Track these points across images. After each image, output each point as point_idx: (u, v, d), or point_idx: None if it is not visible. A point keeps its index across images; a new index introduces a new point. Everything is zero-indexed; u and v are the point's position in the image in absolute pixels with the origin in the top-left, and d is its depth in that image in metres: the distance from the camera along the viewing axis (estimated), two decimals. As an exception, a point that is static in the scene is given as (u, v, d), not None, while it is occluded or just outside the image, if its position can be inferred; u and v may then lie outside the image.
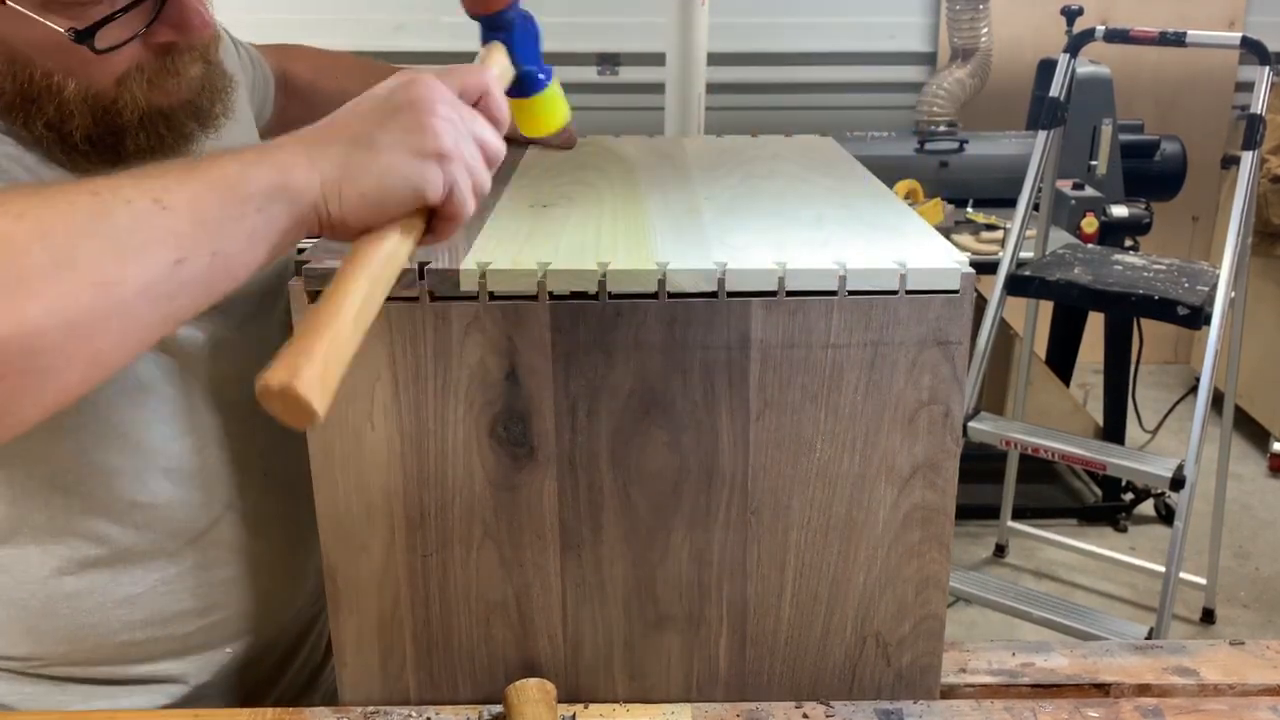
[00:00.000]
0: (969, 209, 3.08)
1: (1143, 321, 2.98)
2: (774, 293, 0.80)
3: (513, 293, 0.79)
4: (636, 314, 0.80)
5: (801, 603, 0.88)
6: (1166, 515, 3.18)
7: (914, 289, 0.80)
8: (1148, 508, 3.26)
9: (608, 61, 3.97)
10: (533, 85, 0.80)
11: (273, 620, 1.00)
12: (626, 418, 0.83)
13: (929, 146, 3.23)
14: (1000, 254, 2.50)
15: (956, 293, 0.80)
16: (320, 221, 0.65)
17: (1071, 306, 3.12)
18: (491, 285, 0.79)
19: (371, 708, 0.90)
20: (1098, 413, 3.27)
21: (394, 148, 0.66)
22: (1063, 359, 3.43)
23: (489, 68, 0.76)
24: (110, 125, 0.81)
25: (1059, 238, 2.81)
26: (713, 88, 2.62)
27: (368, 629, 0.89)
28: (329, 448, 0.84)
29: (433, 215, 0.70)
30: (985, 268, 2.39)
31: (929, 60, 4.05)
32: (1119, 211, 2.94)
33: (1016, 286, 2.45)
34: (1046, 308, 3.25)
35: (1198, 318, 2.26)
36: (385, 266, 0.66)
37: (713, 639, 0.89)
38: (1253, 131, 2.26)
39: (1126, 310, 2.55)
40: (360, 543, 0.86)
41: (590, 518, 0.85)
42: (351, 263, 0.65)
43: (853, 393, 0.82)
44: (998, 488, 3.00)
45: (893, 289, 0.80)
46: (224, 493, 0.94)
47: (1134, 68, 3.75)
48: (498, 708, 0.89)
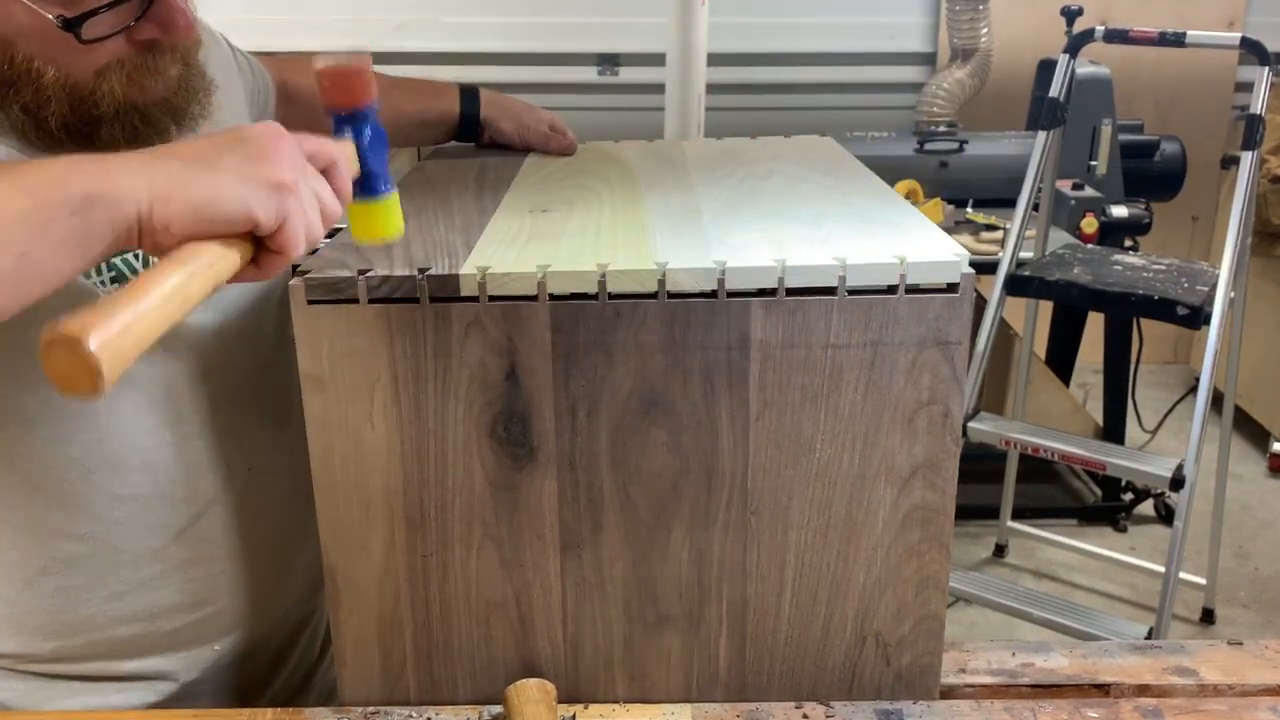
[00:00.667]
0: (969, 209, 3.08)
1: (1142, 321, 2.98)
2: (774, 290, 0.80)
3: (513, 294, 0.79)
4: (636, 314, 0.80)
5: (801, 603, 0.88)
6: (1166, 515, 3.18)
7: (914, 283, 0.80)
8: (1147, 508, 3.26)
9: (608, 62, 3.97)
10: (374, 189, 0.79)
11: (262, 617, 1.00)
12: (626, 418, 0.83)
13: (929, 147, 3.22)
14: (1000, 254, 2.50)
15: (956, 287, 0.80)
16: (141, 230, 0.65)
17: (1071, 306, 3.12)
18: (491, 288, 0.79)
19: (371, 708, 0.90)
20: (1098, 413, 3.27)
21: (233, 170, 0.67)
22: (1063, 359, 3.43)
23: (342, 149, 0.76)
24: (86, 115, 0.81)
25: (1059, 238, 2.80)
26: (713, 88, 2.62)
27: (368, 629, 0.89)
28: (329, 448, 0.84)
29: (260, 249, 0.69)
30: (985, 268, 2.39)
31: (929, 60, 4.05)
32: (1119, 212, 2.94)
33: (1016, 286, 2.45)
34: (1046, 308, 3.25)
35: (1197, 318, 2.26)
36: (204, 268, 0.65)
37: (713, 639, 0.89)
38: (1252, 131, 2.26)
39: (1126, 310, 2.55)
40: (360, 543, 0.86)
41: (590, 518, 0.85)
42: (172, 258, 0.64)
43: (852, 393, 0.82)
44: (998, 488, 3.00)
45: (893, 284, 0.80)
46: (207, 487, 0.94)
47: (1134, 68, 3.75)
48: (498, 708, 0.89)
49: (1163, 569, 2.31)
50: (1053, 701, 0.90)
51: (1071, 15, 3.20)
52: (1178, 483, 2.22)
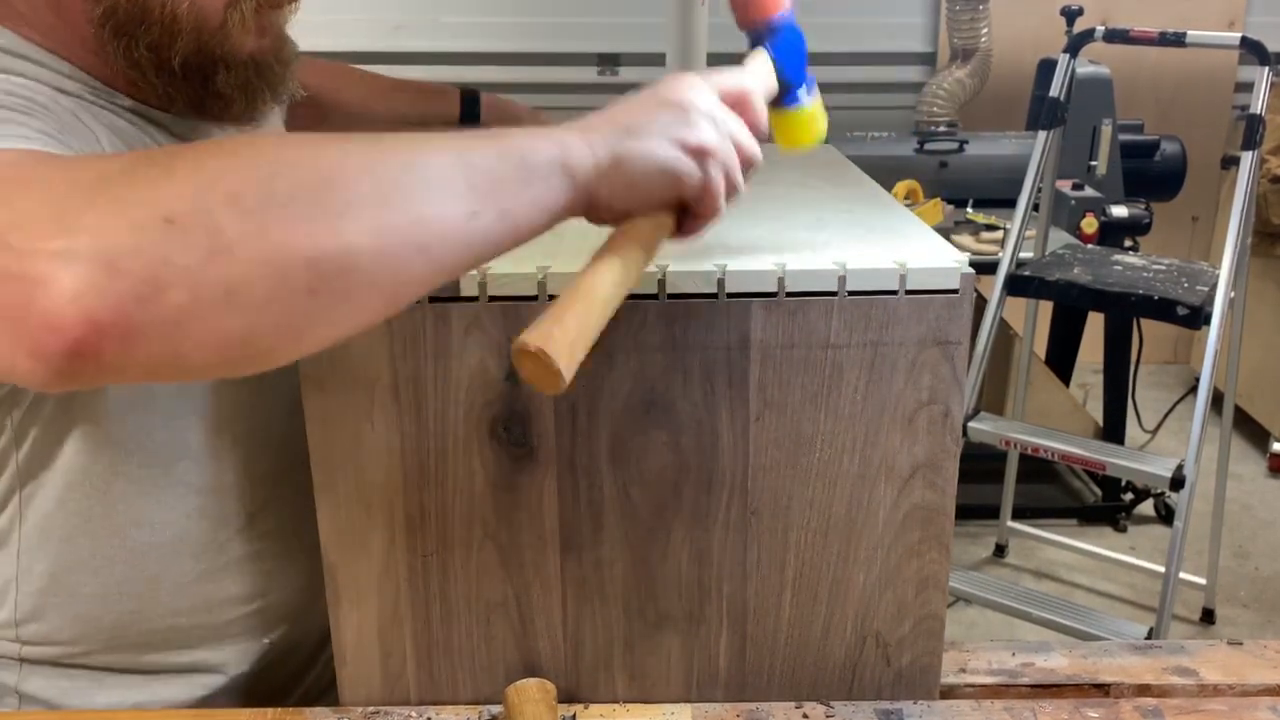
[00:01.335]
0: (969, 209, 3.08)
1: (1143, 321, 2.98)
2: (774, 294, 0.80)
3: (512, 294, 0.79)
4: (636, 314, 0.80)
5: (801, 603, 0.88)
6: (1166, 515, 3.18)
7: (914, 289, 0.80)
8: (1148, 508, 3.26)
9: (608, 61, 3.97)
10: (793, 98, 0.80)
11: (309, 610, 1.01)
12: (626, 418, 0.83)
13: (929, 147, 3.22)
14: (1000, 254, 2.50)
15: (956, 293, 0.80)
16: (591, 202, 0.67)
17: (1071, 306, 3.11)
18: (491, 288, 0.79)
19: (371, 708, 0.90)
20: (1098, 413, 3.27)
21: (659, 137, 0.68)
22: (1063, 359, 3.43)
23: (750, 74, 0.77)
24: (210, 55, 0.84)
25: (1059, 238, 2.81)
26: (713, 88, 2.61)
27: (368, 629, 0.89)
28: (329, 448, 0.84)
29: (683, 213, 0.71)
30: (985, 268, 2.39)
31: (929, 60, 4.05)
32: (1119, 212, 2.94)
33: (1016, 286, 2.45)
34: (1046, 308, 3.25)
35: (1197, 318, 2.26)
36: (640, 254, 0.68)
37: (713, 639, 0.89)
38: (1252, 131, 2.26)
39: (1126, 310, 2.55)
40: (360, 543, 0.86)
41: (590, 518, 0.85)
42: (610, 247, 0.68)
43: (852, 393, 0.82)
44: (998, 488, 3.00)
45: (892, 290, 0.80)
46: (268, 481, 0.95)
47: (1134, 68, 3.75)
48: (498, 708, 0.89)
49: (1163, 569, 2.31)
50: (1053, 701, 0.90)
51: (1071, 15, 3.20)
52: (1178, 483, 2.22)
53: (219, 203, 0.54)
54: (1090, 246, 2.77)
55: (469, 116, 1.25)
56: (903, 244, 0.85)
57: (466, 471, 0.84)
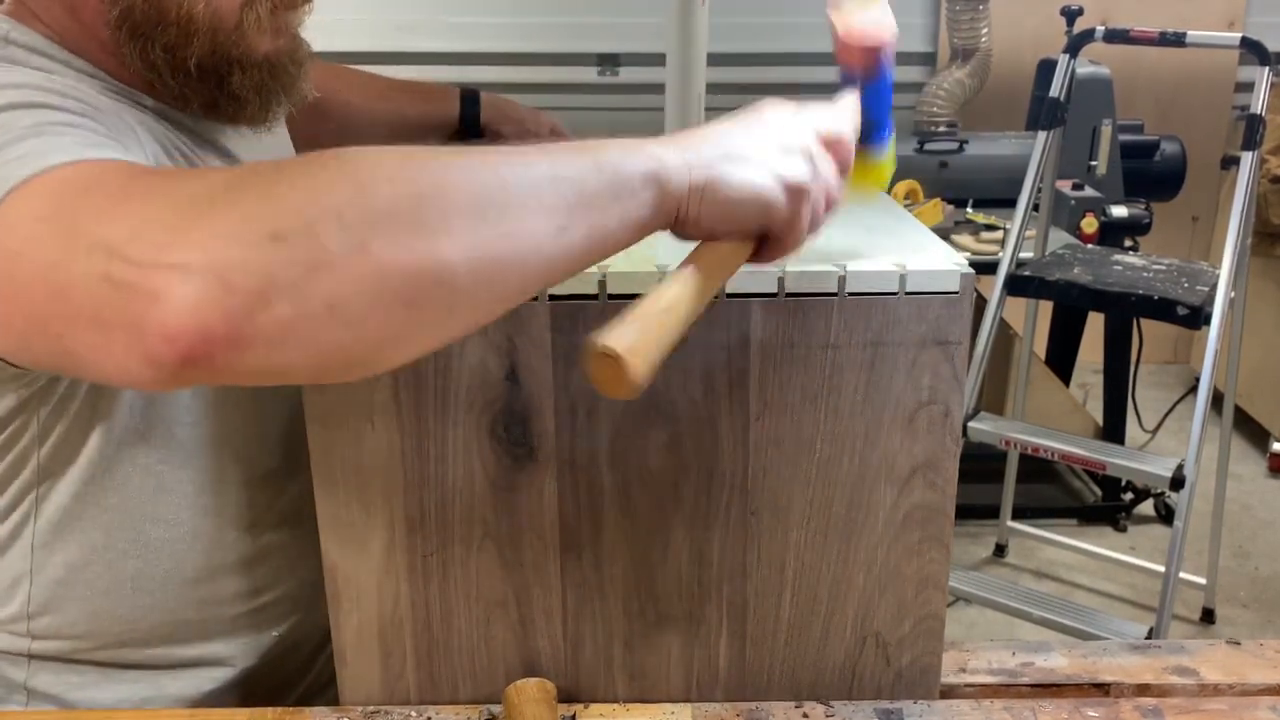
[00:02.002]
0: (969, 209, 3.08)
1: (1143, 321, 2.98)
2: (774, 295, 0.80)
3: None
4: (636, 314, 0.80)
5: (801, 603, 0.88)
6: (1166, 515, 3.18)
7: (913, 292, 0.80)
8: (1148, 508, 3.26)
9: (608, 62, 3.97)
10: (873, 141, 0.80)
11: (315, 605, 1.01)
12: (626, 418, 0.83)
13: (929, 147, 3.22)
14: (1000, 254, 2.50)
15: (956, 294, 0.80)
16: (678, 218, 0.67)
17: (1071, 306, 3.11)
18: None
19: (372, 707, 0.90)
20: (1098, 413, 3.27)
21: (761, 166, 0.68)
22: (1063, 359, 3.43)
23: (845, 116, 0.77)
24: (225, 55, 0.85)
25: (1059, 238, 2.80)
26: (713, 88, 2.62)
27: (368, 629, 0.89)
28: (329, 448, 0.84)
29: (763, 241, 0.71)
30: (985, 268, 2.39)
31: (929, 60, 4.05)
32: (1119, 212, 2.94)
33: (1016, 286, 2.45)
34: (1046, 308, 3.25)
35: (1197, 318, 2.26)
36: (718, 274, 0.69)
37: (713, 639, 0.89)
38: (1252, 132, 2.26)
39: (1126, 310, 2.55)
40: (360, 543, 0.86)
41: (590, 518, 0.85)
42: (694, 261, 0.68)
43: (852, 393, 0.82)
44: (998, 488, 3.00)
45: (892, 292, 0.80)
46: (278, 476, 0.96)
47: (1134, 68, 3.75)
48: (498, 708, 0.89)
49: (1163, 569, 2.31)
50: (1053, 701, 0.90)
51: (1071, 15, 3.20)
52: (1178, 482, 2.22)
53: (320, 218, 0.55)
54: (1090, 246, 2.77)
55: (469, 116, 1.25)
56: (903, 246, 0.85)
57: (466, 471, 0.84)
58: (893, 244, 0.86)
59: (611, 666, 0.90)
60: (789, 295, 0.80)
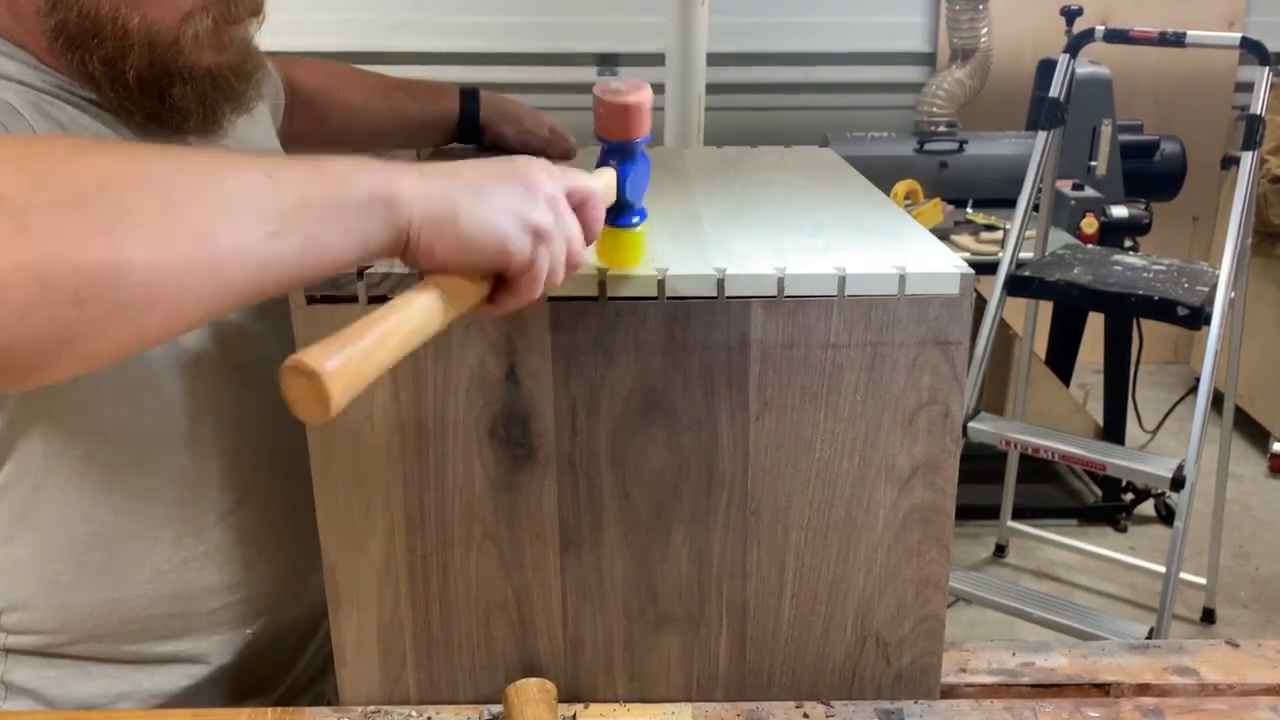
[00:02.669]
0: (969, 209, 3.08)
1: (1143, 321, 2.98)
2: (774, 296, 0.80)
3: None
4: (636, 314, 0.80)
5: (801, 603, 0.88)
6: (1166, 515, 3.18)
7: (913, 293, 0.80)
8: (1148, 508, 3.25)
9: (608, 62, 3.97)
10: (626, 220, 0.81)
11: (293, 602, 1.02)
12: (626, 418, 0.83)
13: (929, 147, 3.22)
14: (1000, 254, 2.50)
15: (955, 295, 0.80)
16: (408, 245, 0.66)
17: (1071, 307, 3.11)
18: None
19: (372, 707, 0.90)
20: (1098, 413, 3.27)
21: (501, 205, 0.68)
22: (1063, 359, 3.43)
23: (599, 183, 0.77)
24: (164, 68, 0.84)
25: (1059, 238, 2.80)
26: (713, 88, 2.62)
27: (368, 629, 0.89)
28: (329, 448, 0.84)
29: (499, 287, 0.70)
30: (985, 268, 2.39)
31: (929, 60, 4.05)
32: (1119, 212, 2.94)
33: (1016, 287, 2.45)
34: (1046, 308, 3.25)
35: (1198, 318, 2.26)
36: (448, 310, 0.67)
37: (713, 639, 0.89)
38: (1252, 132, 2.26)
39: (1126, 310, 2.55)
40: (360, 543, 0.86)
41: (590, 518, 0.85)
42: (418, 290, 0.66)
43: (852, 393, 0.82)
44: (998, 488, 3.00)
45: (891, 294, 0.80)
46: (251, 473, 0.96)
47: (1134, 68, 3.75)
48: (498, 708, 0.89)
49: (1163, 569, 2.31)
50: (1053, 701, 0.90)
51: (1071, 15, 3.20)
52: (1178, 483, 2.22)
53: None
54: (1090, 247, 2.77)
55: (469, 115, 1.25)
56: (902, 248, 0.85)
57: (466, 471, 0.84)
58: (892, 245, 0.86)
59: (611, 667, 0.90)
60: (789, 295, 0.80)
